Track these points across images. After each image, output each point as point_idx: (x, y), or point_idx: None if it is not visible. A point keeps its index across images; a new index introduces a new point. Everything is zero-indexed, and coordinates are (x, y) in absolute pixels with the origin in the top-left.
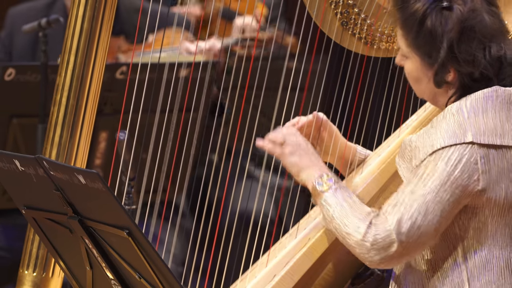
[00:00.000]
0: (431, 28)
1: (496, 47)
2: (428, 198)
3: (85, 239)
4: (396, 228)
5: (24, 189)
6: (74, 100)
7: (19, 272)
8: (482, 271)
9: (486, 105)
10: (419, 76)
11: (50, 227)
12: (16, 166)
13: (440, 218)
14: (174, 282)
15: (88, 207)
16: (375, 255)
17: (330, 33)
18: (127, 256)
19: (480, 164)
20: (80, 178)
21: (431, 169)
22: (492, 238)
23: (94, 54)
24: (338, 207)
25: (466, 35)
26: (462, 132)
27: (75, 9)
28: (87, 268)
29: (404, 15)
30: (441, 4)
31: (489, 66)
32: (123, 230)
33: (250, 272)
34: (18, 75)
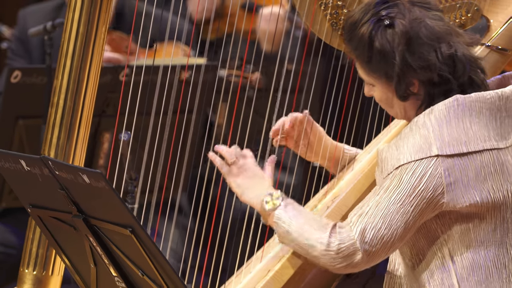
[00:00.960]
0: (380, 48)
1: (445, 46)
2: (392, 209)
3: (89, 237)
4: (359, 237)
5: (29, 188)
6: (71, 102)
7: (19, 271)
8: (471, 272)
9: (449, 115)
10: (388, 99)
11: (55, 226)
12: (22, 166)
13: (403, 229)
14: (175, 278)
15: (92, 206)
16: (341, 263)
17: (320, 33)
18: (130, 254)
19: (444, 177)
20: (84, 177)
21: (397, 182)
22: (477, 240)
23: (90, 57)
24: (293, 221)
25: (414, 43)
26: (428, 146)
27: (71, 13)
28: (91, 265)
29: (354, 44)
30: (383, 23)
31: (444, 66)
32: (126, 228)
33: (245, 268)
34: (24, 77)
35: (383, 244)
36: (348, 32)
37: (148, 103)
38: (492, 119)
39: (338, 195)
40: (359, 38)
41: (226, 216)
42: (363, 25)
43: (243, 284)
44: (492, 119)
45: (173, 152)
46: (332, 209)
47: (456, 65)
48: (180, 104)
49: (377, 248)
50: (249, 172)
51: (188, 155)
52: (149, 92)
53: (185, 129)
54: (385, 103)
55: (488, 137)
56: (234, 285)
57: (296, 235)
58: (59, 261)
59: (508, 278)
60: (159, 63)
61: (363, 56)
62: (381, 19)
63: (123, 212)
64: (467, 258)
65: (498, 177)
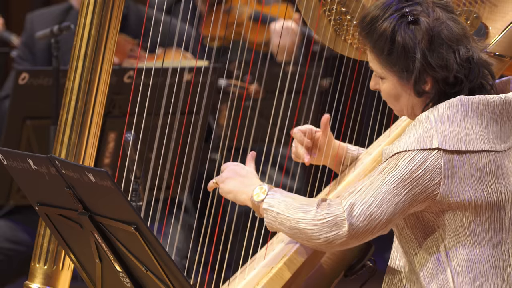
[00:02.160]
0: (402, 43)
1: (463, 49)
2: (385, 190)
3: (95, 234)
4: (348, 210)
5: (37, 187)
6: (82, 103)
7: (30, 266)
8: (466, 269)
9: (452, 114)
10: (397, 93)
11: (61, 223)
12: (29, 165)
13: (393, 210)
14: (178, 274)
15: (97, 204)
16: (326, 233)
17: (324, 39)
18: (134, 250)
19: (443, 169)
20: (90, 176)
21: (393, 165)
22: (471, 238)
23: (101, 59)
24: (281, 203)
25: (435, 42)
26: (429, 139)
27: (83, 17)
28: (97, 261)
29: (374, 38)
30: (407, 19)
31: (460, 68)
32: (130, 225)
33: (250, 265)
34: (31, 79)
35: (370, 221)
36: (368, 26)
37: (152, 104)
38: (493, 122)
39: (341, 195)
40: (381, 32)
41: (230, 213)
42: (385, 20)
43: (247, 281)
44: (493, 122)
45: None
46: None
47: (472, 68)
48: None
49: (363, 224)
50: (231, 173)
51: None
52: (152, 94)
53: (188, 130)
54: (393, 98)
55: (487, 139)
56: (239, 281)
57: (284, 216)
58: (68, 257)
59: (502, 277)
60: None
61: (383, 49)
62: (404, 15)
63: (128, 210)
64: (462, 255)
65: (493, 179)
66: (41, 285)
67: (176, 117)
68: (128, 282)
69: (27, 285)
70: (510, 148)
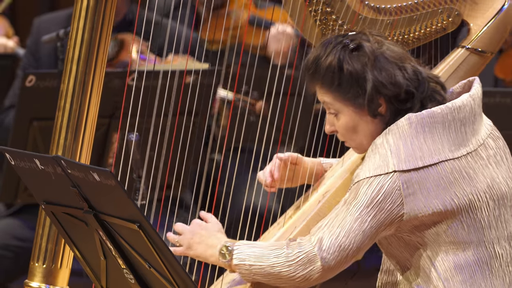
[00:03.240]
0: (351, 69)
1: (409, 65)
2: (350, 219)
3: (99, 231)
4: (318, 245)
5: (43, 186)
6: (77, 105)
7: (30, 265)
8: (454, 273)
9: (404, 134)
10: (355, 123)
11: (67, 221)
12: (36, 165)
13: (362, 238)
14: (180, 271)
15: (102, 202)
16: (300, 271)
17: (310, 38)
18: (138, 247)
19: (402, 190)
20: (95, 175)
21: (354, 194)
22: (453, 244)
23: (94, 62)
24: (251, 256)
25: (381, 61)
26: (385, 164)
27: (76, 22)
28: (101, 258)
29: (321, 73)
30: (349, 47)
31: (410, 83)
32: (134, 223)
33: None
34: (38, 81)
35: (340, 251)
36: (312, 65)
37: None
38: (446, 131)
39: (329, 190)
40: (327, 66)
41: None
42: (328, 55)
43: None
44: (446, 131)
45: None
46: (323, 203)
47: (421, 81)
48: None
49: (334, 256)
50: (194, 236)
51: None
52: (155, 96)
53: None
54: (351, 130)
55: (442, 150)
56: (234, 274)
57: (257, 265)
58: (67, 255)
59: (491, 273)
60: (164, 68)
61: (333, 81)
62: (346, 45)
63: (131, 208)
64: (447, 260)
65: (460, 184)
66: (40, 283)
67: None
68: (132, 278)
69: (27, 283)
70: (476, 149)
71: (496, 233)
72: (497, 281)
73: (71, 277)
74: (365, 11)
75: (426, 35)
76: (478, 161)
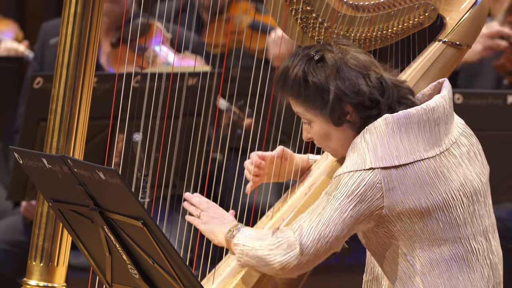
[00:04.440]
0: (315, 81)
1: (373, 73)
2: (330, 209)
3: (105, 228)
4: (298, 231)
5: (50, 184)
6: (68, 108)
7: (27, 264)
8: (431, 268)
9: (381, 133)
10: (326, 131)
11: (74, 218)
12: (43, 164)
13: (342, 227)
14: (183, 266)
15: (107, 200)
16: (279, 256)
17: (292, 37)
18: (142, 244)
19: (383, 184)
20: (100, 174)
21: (335, 186)
22: (428, 240)
23: (83, 67)
24: (247, 237)
25: (344, 71)
26: (363, 161)
27: (65, 28)
28: (107, 254)
29: (290, 85)
30: (313, 59)
31: (373, 90)
32: (138, 221)
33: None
34: (45, 83)
35: (320, 239)
36: (282, 77)
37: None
38: (421, 131)
39: (314, 183)
40: (293, 78)
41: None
42: (295, 67)
43: (232, 267)
44: (421, 131)
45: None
46: (310, 195)
47: (385, 88)
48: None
49: (313, 244)
50: (211, 215)
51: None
52: (158, 97)
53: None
54: (324, 138)
55: (417, 149)
56: (223, 268)
57: (247, 246)
58: (63, 253)
59: (468, 268)
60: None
61: (300, 93)
62: (310, 57)
63: (135, 206)
64: (424, 257)
65: (434, 183)
66: (38, 281)
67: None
68: (136, 273)
69: (25, 281)
70: (448, 148)
71: (472, 229)
72: (475, 275)
73: (69, 272)
74: (344, 8)
75: (403, 30)
76: (451, 160)
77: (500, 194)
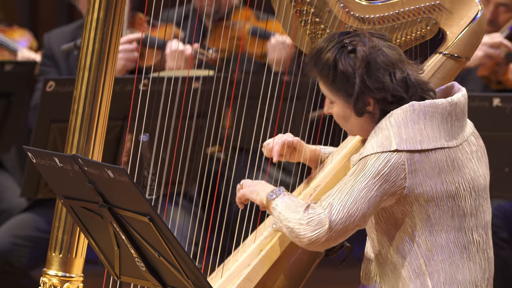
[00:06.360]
0: (343, 70)
1: (399, 71)
2: (357, 188)
3: (113, 223)
4: (328, 210)
5: (62, 182)
6: (88, 109)
7: (47, 255)
8: (435, 252)
9: (406, 118)
10: (346, 115)
11: (84, 214)
12: (55, 163)
13: (368, 205)
14: (187, 259)
15: (116, 197)
16: (310, 231)
17: (301, 46)
18: (149, 238)
19: (407, 166)
20: (109, 173)
21: (361, 167)
22: (437, 225)
23: (104, 70)
24: (283, 204)
25: (372, 67)
26: (388, 143)
27: (87, 33)
28: (115, 248)
29: (320, 67)
30: (346, 49)
31: (398, 87)
32: (145, 216)
33: (241, 248)
34: (57, 87)
35: (348, 217)
36: (314, 57)
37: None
38: (444, 122)
39: (319, 185)
40: (325, 61)
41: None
42: (328, 51)
43: (240, 262)
44: (444, 122)
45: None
46: (315, 196)
47: (409, 87)
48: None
49: (342, 221)
50: (255, 185)
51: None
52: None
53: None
54: (342, 119)
55: (439, 138)
56: (232, 262)
57: (282, 215)
58: (82, 245)
59: (468, 257)
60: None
61: (328, 77)
62: (344, 46)
63: (142, 202)
64: (430, 241)
65: (450, 172)
66: (57, 271)
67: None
68: (143, 266)
69: (45, 271)
70: (462, 144)
71: (475, 221)
72: (473, 265)
73: (85, 265)
74: (350, 20)
75: (406, 42)
76: (464, 154)
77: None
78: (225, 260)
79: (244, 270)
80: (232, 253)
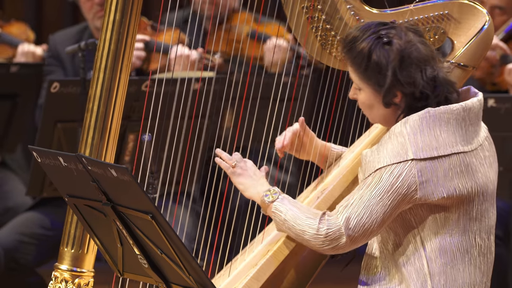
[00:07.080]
0: (377, 60)
1: (430, 69)
2: (373, 202)
3: (117, 221)
4: (344, 224)
5: (66, 181)
6: (103, 108)
7: (60, 249)
8: (438, 255)
9: (422, 125)
10: (371, 103)
11: (88, 212)
12: (60, 162)
13: (382, 219)
14: (189, 256)
15: (119, 196)
16: (328, 245)
17: (312, 52)
18: (151, 236)
19: (417, 177)
20: (112, 172)
21: (377, 180)
22: (443, 228)
23: (119, 70)
24: (288, 211)
25: (405, 62)
26: (404, 152)
27: (103, 34)
28: (118, 245)
29: (353, 55)
30: (382, 40)
31: (426, 85)
32: (147, 214)
33: (249, 248)
34: (61, 88)
35: (364, 230)
36: (349, 44)
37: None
38: (458, 127)
39: (327, 188)
40: (360, 50)
41: (233, 202)
42: (363, 41)
43: (247, 262)
44: (458, 127)
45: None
46: (322, 199)
47: (437, 85)
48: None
49: (359, 234)
50: (249, 172)
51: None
52: (167, 100)
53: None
54: (367, 107)
55: (455, 143)
56: (239, 262)
57: (291, 223)
58: (93, 241)
59: (469, 261)
60: (175, 76)
61: (361, 65)
62: (380, 37)
63: (145, 201)
64: (435, 243)
65: (463, 177)
66: (69, 266)
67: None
68: (146, 263)
69: (57, 266)
70: (476, 148)
71: (479, 225)
72: (473, 269)
73: (96, 261)
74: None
75: None
76: (478, 159)
77: None
78: (233, 259)
79: (252, 270)
80: (240, 253)
